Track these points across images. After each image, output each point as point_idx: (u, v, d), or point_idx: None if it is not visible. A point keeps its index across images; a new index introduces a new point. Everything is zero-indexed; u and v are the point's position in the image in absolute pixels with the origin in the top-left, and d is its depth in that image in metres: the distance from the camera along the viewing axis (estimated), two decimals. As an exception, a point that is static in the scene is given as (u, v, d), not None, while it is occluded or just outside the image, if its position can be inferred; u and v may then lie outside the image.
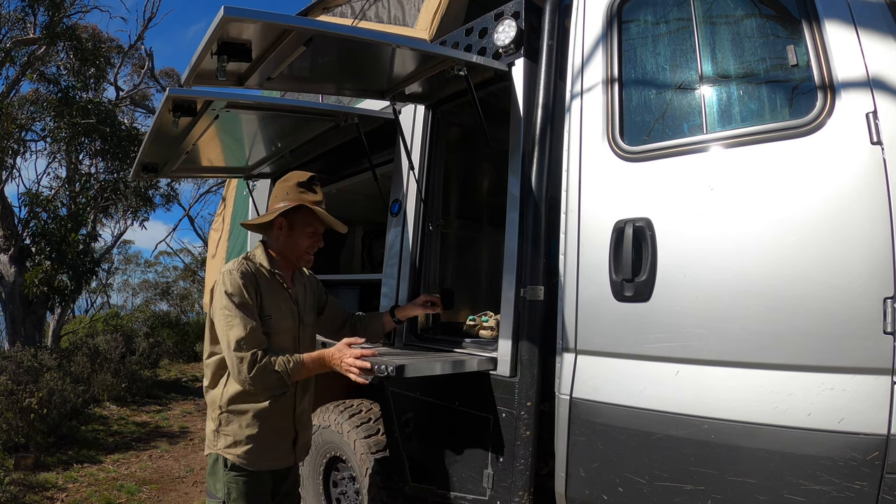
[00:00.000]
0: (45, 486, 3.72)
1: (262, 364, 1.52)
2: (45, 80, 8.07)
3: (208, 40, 1.42)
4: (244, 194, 4.44)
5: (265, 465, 1.65)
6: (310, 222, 1.71)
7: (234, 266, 1.62)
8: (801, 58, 1.29)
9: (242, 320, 1.54)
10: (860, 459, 1.12)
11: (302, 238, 1.71)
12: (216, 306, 1.58)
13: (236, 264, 1.63)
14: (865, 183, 1.17)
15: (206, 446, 1.68)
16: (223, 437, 1.62)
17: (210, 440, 1.66)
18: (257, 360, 1.52)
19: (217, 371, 1.66)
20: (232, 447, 1.61)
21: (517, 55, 1.82)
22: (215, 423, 1.64)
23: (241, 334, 1.52)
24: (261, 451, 1.63)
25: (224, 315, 1.55)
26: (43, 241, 7.21)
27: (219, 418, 1.63)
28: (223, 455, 1.61)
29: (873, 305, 1.13)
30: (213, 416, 1.66)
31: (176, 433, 5.27)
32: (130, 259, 19.20)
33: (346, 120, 2.32)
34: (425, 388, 2.01)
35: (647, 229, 1.42)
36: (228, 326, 1.53)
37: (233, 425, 1.61)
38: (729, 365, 1.29)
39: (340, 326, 1.97)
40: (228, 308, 1.55)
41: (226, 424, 1.62)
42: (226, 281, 1.57)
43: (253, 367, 1.51)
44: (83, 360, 6.29)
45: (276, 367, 1.53)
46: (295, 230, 1.70)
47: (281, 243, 1.72)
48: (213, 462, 1.65)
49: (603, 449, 1.46)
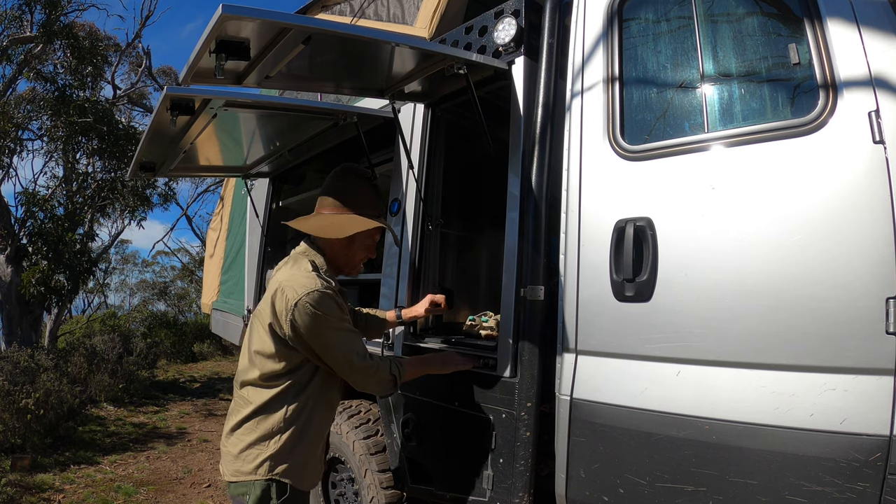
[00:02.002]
0: (42, 487, 3.70)
1: (383, 368, 1.53)
2: (41, 78, 8.04)
3: (206, 38, 1.40)
4: (242, 193, 4.43)
5: (315, 482, 1.58)
6: (373, 234, 1.61)
7: (317, 285, 1.43)
8: (802, 56, 1.28)
9: (353, 334, 1.50)
10: (862, 460, 1.11)
11: (361, 250, 1.60)
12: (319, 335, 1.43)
13: (317, 283, 1.44)
14: (868, 182, 1.16)
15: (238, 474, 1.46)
16: (281, 459, 1.45)
17: (251, 467, 1.45)
18: (380, 366, 1.52)
19: (279, 396, 1.47)
20: (290, 470, 1.46)
21: (517, 53, 1.81)
22: (270, 448, 1.45)
23: (357, 347, 1.49)
24: (315, 467, 1.56)
25: (332, 339, 1.45)
26: (40, 240, 7.18)
27: (277, 440, 1.45)
28: (278, 480, 1.44)
29: (876, 305, 1.13)
30: (264, 441, 1.46)
31: (174, 434, 5.25)
32: (128, 259, 19.18)
33: (344, 119, 2.31)
34: (425, 389, 2.01)
35: (648, 229, 1.42)
36: (342, 347, 1.46)
37: (296, 450, 1.47)
38: (730, 365, 1.29)
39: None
40: (337, 331, 1.45)
41: (284, 445, 1.45)
42: (324, 304, 1.42)
43: (376, 373, 1.51)
44: (80, 360, 6.26)
45: (391, 373, 1.55)
46: (356, 242, 1.57)
47: (337, 252, 1.58)
48: (261, 492, 1.44)
49: (603, 450, 1.45)
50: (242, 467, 1.46)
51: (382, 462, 2.18)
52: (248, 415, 1.48)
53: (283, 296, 1.44)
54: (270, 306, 1.46)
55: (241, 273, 4.29)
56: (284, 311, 1.42)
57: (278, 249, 3.78)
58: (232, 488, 1.49)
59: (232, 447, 1.49)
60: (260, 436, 1.46)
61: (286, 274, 1.50)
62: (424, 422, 2.01)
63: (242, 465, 1.46)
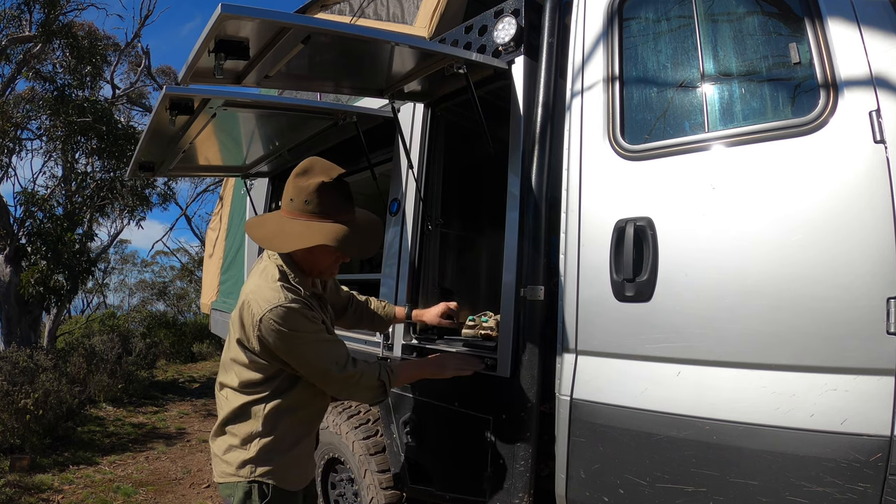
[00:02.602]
0: (41, 487, 3.70)
1: (368, 376, 1.46)
2: (40, 78, 8.03)
3: (205, 38, 1.40)
4: (242, 193, 4.42)
5: (304, 481, 1.55)
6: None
7: (281, 297, 1.35)
8: (803, 55, 1.28)
9: (328, 343, 1.42)
10: (863, 461, 1.11)
11: (326, 255, 1.43)
12: (288, 349, 1.37)
13: (278, 295, 1.35)
14: (868, 181, 1.16)
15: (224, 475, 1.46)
16: (261, 462, 1.42)
17: (233, 469, 1.44)
18: (364, 374, 1.45)
19: (256, 401, 1.44)
20: (272, 472, 1.44)
21: (517, 53, 1.81)
22: (251, 451, 1.43)
23: (335, 356, 1.41)
24: (300, 467, 1.52)
25: (304, 353, 1.38)
26: (39, 240, 7.17)
27: (257, 444, 1.43)
28: (260, 482, 1.43)
29: (877, 305, 1.12)
30: (244, 444, 1.44)
31: (173, 434, 5.24)
32: (127, 259, 19.17)
33: (344, 118, 2.30)
34: (424, 389, 2.00)
35: (649, 229, 1.41)
36: (317, 359, 1.39)
37: (276, 451, 1.44)
38: (731, 365, 1.28)
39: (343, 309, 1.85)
40: (308, 344, 1.37)
41: (267, 452, 1.43)
42: (288, 319, 1.33)
43: (358, 382, 1.44)
44: (79, 360, 6.26)
45: (379, 379, 1.48)
46: (314, 249, 1.39)
47: (300, 257, 1.46)
48: (244, 494, 1.43)
49: (604, 450, 1.45)
50: (227, 469, 1.46)
51: (382, 462, 2.18)
52: (229, 417, 1.46)
53: (248, 310, 1.37)
54: (239, 319, 1.41)
55: (240, 273, 4.29)
56: (251, 327, 1.36)
57: (278, 249, 3.76)
58: (220, 489, 1.50)
59: (217, 448, 1.50)
60: (241, 439, 1.44)
61: (253, 284, 1.43)
62: (424, 422, 2.01)
63: (227, 467, 1.46)
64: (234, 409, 1.46)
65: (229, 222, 5.07)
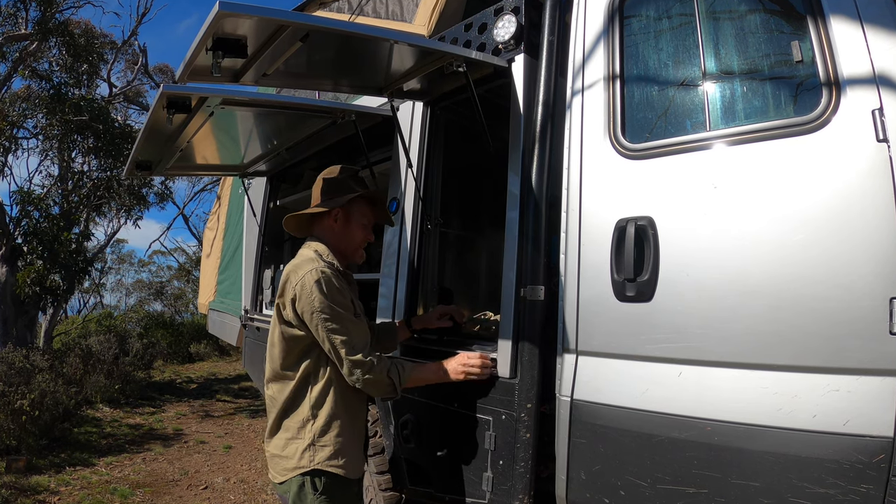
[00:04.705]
0: (37, 489, 3.68)
1: (378, 369, 1.51)
2: (37, 76, 7.99)
3: (203, 36, 1.39)
4: (239, 192, 4.41)
5: (359, 469, 1.63)
6: (365, 213, 1.71)
7: (318, 265, 1.52)
8: (805, 54, 1.27)
9: (350, 322, 1.51)
10: (866, 462, 1.10)
11: (357, 230, 1.68)
12: (312, 311, 1.47)
13: (319, 263, 1.53)
14: (871, 181, 1.15)
15: (284, 472, 1.52)
16: (319, 446, 1.50)
17: (295, 462, 1.50)
18: (374, 365, 1.50)
19: (300, 386, 1.54)
20: (333, 458, 1.50)
21: (517, 51, 1.79)
22: (307, 439, 1.50)
23: (353, 336, 1.49)
24: (357, 455, 1.60)
25: (325, 318, 1.47)
26: (35, 240, 7.14)
27: (312, 430, 1.51)
28: (322, 469, 1.49)
29: (879, 305, 1.12)
30: (299, 432, 1.52)
31: (170, 435, 5.22)
32: (124, 258, 19.10)
33: (343, 117, 2.29)
34: (423, 390, 1.99)
35: (650, 228, 1.41)
36: (335, 330, 1.47)
37: (330, 434, 1.51)
38: (732, 366, 1.28)
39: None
40: (330, 310, 1.47)
41: (322, 435, 1.50)
42: (320, 282, 1.48)
43: (369, 372, 1.49)
44: (76, 361, 6.23)
45: (389, 375, 1.53)
46: (351, 222, 1.67)
47: (336, 236, 1.67)
48: (299, 487, 1.50)
49: (604, 451, 1.44)
50: (286, 464, 1.53)
51: (381, 463, 2.17)
52: (279, 414, 1.56)
53: (287, 280, 1.54)
54: (280, 293, 1.55)
55: (238, 273, 4.27)
56: (289, 291, 1.52)
57: (276, 249, 3.75)
58: (278, 489, 1.57)
59: (274, 448, 1.57)
60: (295, 430, 1.53)
61: (292, 264, 1.60)
62: (423, 423, 2.00)
63: (286, 462, 1.53)
64: (283, 403, 1.55)
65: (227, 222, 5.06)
